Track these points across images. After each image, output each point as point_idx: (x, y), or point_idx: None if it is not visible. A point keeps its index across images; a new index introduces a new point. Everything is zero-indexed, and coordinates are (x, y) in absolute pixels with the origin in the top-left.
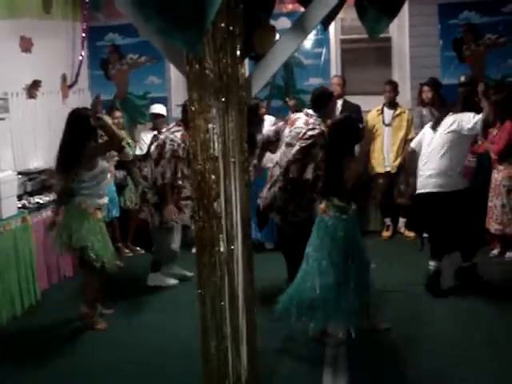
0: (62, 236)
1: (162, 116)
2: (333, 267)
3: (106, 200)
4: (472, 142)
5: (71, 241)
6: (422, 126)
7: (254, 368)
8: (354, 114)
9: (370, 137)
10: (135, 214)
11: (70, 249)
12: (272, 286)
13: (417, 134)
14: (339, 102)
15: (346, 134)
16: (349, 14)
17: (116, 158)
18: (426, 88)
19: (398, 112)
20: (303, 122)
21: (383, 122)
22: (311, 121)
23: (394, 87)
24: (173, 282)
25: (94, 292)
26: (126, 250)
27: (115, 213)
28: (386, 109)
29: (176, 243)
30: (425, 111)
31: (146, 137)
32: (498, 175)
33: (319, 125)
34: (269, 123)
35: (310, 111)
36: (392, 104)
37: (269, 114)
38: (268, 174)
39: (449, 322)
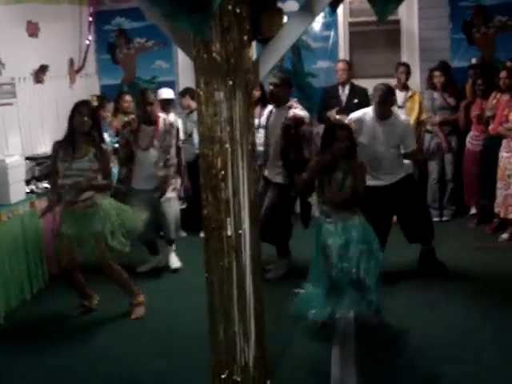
0: None
1: (171, 100)
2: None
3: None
4: (477, 121)
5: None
6: (432, 109)
7: (262, 352)
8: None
9: None
10: None
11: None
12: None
13: (428, 116)
14: (346, 87)
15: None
16: None
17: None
18: (437, 73)
19: (409, 94)
20: None
21: (396, 105)
22: None
23: (407, 69)
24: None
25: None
26: None
27: None
28: (397, 91)
29: None
30: (435, 94)
31: None
32: None
33: None
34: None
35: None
36: (404, 86)
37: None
38: None
39: (457, 310)
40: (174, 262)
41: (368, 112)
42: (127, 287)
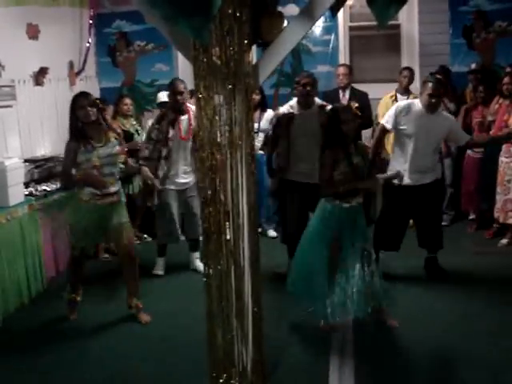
0: None
1: None
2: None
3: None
4: (478, 128)
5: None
6: None
7: (260, 357)
8: (351, 104)
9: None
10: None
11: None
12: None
13: None
14: (347, 92)
15: (328, 127)
16: (358, 1)
17: (125, 149)
18: None
19: (411, 98)
20: None
21: None
22: None
23: (411, 74)
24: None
25: (70, 275)
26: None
27: None
28: (399, 95)
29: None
30: None
31: None
32: None
33: None
34: (267, 119)
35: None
36: (406, 90)
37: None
38: None
39: (456, 313)
40: (201, 265)
41: (416, 103)
42: (137, 286)
